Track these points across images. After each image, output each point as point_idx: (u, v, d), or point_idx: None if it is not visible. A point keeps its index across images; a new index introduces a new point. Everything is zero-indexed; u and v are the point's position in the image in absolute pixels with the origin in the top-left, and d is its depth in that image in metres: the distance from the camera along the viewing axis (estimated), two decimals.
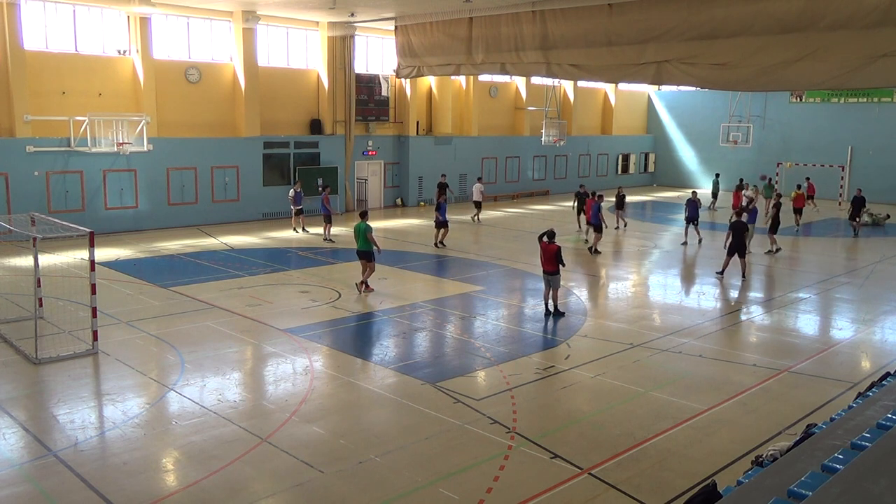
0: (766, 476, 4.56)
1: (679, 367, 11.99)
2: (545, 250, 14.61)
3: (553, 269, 14.57)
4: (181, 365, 11.64)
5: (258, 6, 25.61)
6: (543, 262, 14.72)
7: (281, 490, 7.83)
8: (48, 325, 13.22)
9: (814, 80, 17.37)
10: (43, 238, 12.40)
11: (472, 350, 12.77)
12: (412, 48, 25.39)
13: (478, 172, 35.06)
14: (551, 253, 14.50)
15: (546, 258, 14.59)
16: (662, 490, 7.90)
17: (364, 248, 16.11)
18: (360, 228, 16.05)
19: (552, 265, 14.53)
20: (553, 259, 14.48)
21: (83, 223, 13.94)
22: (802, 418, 9.74)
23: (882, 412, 5.69)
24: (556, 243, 14.67)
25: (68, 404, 10.00)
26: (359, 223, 16.24)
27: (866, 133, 37.57)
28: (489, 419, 9.67)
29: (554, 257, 14.46)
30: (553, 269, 14.57)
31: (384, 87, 31.79)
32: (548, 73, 21.77)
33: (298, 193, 24.77)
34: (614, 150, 43.89)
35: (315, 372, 11.48)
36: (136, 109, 24.43)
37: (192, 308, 15.03)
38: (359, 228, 16.11)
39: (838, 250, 24.62)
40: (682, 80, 19.26)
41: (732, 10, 16.86)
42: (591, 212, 22.50)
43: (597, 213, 22.04)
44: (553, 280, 14.66)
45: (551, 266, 14.54)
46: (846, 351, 13.19)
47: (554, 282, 14.68)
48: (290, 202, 25.11)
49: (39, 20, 22.95)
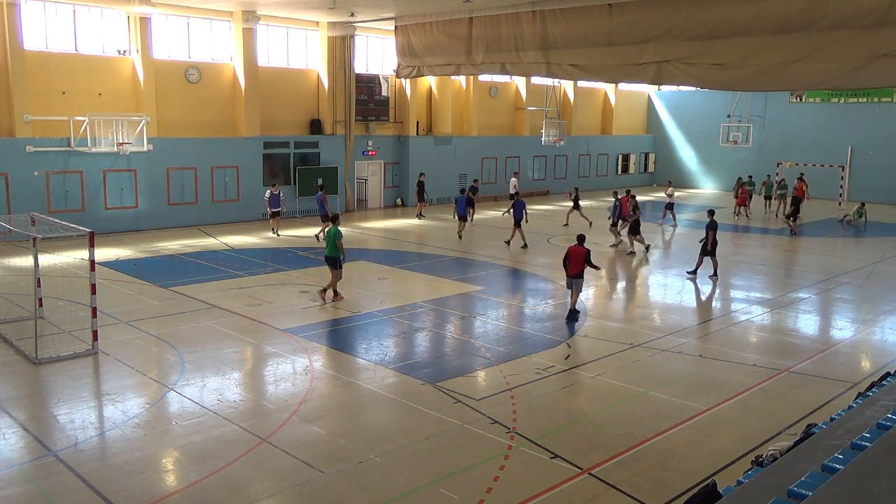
0: (766, 476, 4.56)
1: (679, 367, 11.99)
2: (574, 253, 14.53)
3: (578, 273, 14.50)
4: (181, 365, 11.64)
5: (258, 6, 25.61)
6: (569, 265, 14.62)
7: (281, 490, 7.83)
8: (48, 325, 13.22)
9: (814, 80, 17.37)
10: (43, 238, 12.40)
11: (472, 350, 12.77)
12: (412, 48, 25.39)
13: (478, 172, 35.11)
14: (580, 256, 14.45)
15: (573, 261, 14.52)
16: (662, 490, 7.90)
17: (331, 254, 15.42)
18: (331, 233, 15.46)
19: (578, 268, 14.48)
20: (581, 262, 14.44)
21: (83, 223, 13.93)
22: (802, 418, 9.74)
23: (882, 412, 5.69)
24: (586, 247, 14.68)
25: (68, 404, 10.00)
26: (330, 227, 15.68)
27: (866, 133, 37.58)
28: (489, 419, 9.67)
29: (583, 260, 14.43)
30: (578, 273, 14.50)
31: (384, 87, 31.79)
32: (548, 73, 21.77)
33: (275, 195, 24.11)
34: (614, 150, 43.89)
35: (315, 372, 11.48)
36: (136, 109, 24.43)
37: (192, 308, 15.03)
38: (329, 233, 15.55)
39: (838, 250, 24.63)
40: (682, 80, 19.27)
41: (732, 10, 16.86)
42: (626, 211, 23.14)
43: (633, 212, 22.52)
44: (577, 283, 14.62)
45: (577, 269, 14.48)
46: (846, 351, 13.19)
47: (577, 285, 14.64)
48: (265, 204, 24.48)
49: (39, 20, 22.95)
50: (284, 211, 25.23)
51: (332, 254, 15.43)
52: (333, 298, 15.61)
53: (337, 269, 15.43)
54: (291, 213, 28.10)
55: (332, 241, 15.40)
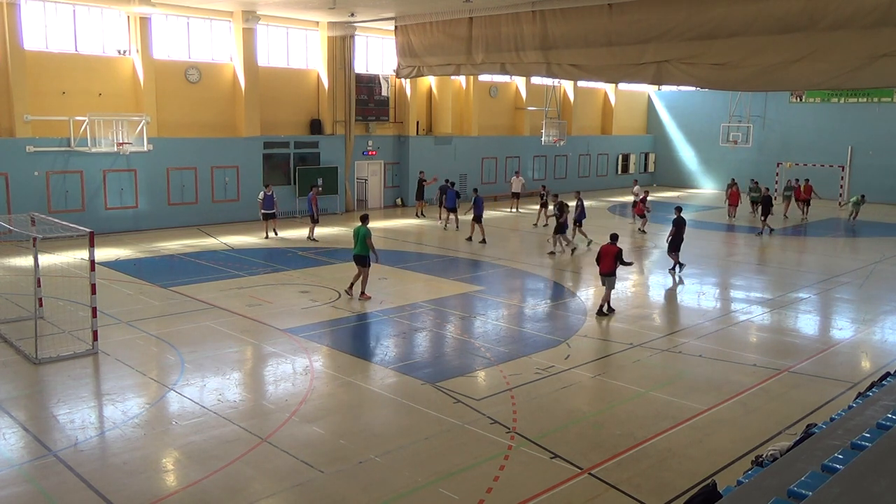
0: (766, 476, 4.56)
1: (679, 367, 11.99)
2: (607, 252, 14.87)
3: (610, 271, 14.80)
4: (181, 365, 11.63)
5: (258, 6, 25.60)
6: (601, 263, 14.93)
7: (281, 490, 7.83)
8: (48, 325, 13.21)
9: (814, 80, 17.38)
10: (43, 238, 12.40)
11: (472, 350, 12.77)
12: (412, 48, 25.39)
13: (478, 172, 35.12)
14: (612, 254, 14.78)
15: (605, 259, 14.83)
16: (662, 490, 7.90)
17: (360, 253, 15.73)
18: (360, 232, 15.71)
19: (610, 266, 14.76)
20: (612, 259, 14.75)
21: (83, 223, 13.92)
22: (802, 418, 9.74)
23: (882, 412, 5.69)
24: (618, 245, 15.00)
25: (68, 404, 10.00)
26: (359, 227, 15.91)
27: (866, 133, 37.57)
28: (489, 419, 9.67)
29: (614, 258, 14.75)
30: (610, 271, 14.80)
31: (384, 87, 31.79)
32: (548, 73, 21.77)
33: (269, 197, 23.45)
34: (614, 150, 43.89)
35: (315, 372, 11.48)
36: (136, 109, 24.43)
37: (192, 308, 15.03)
38: (358, 232, 15.79)
39: (838, 250, 24.63)
40: (682, 80, 19.27)
41: (732, 10, 16.86)
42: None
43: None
44: (609, 281, 14.91)
45: (609, 267, 14.78)
46: (846, 351, 13.19)
47: (609, 282, 14.93)
48: (258, 206, 23.89)
49: (39, 20, 22.94)
50: (278, 212, 24.56)
51: (361, 252, 15.75)
52: (360, 296, 15.84)
53: (366, 268, 15.81)
54: (291, 213, 28.10)
55: (361, 240, 15.71)
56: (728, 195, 30.82)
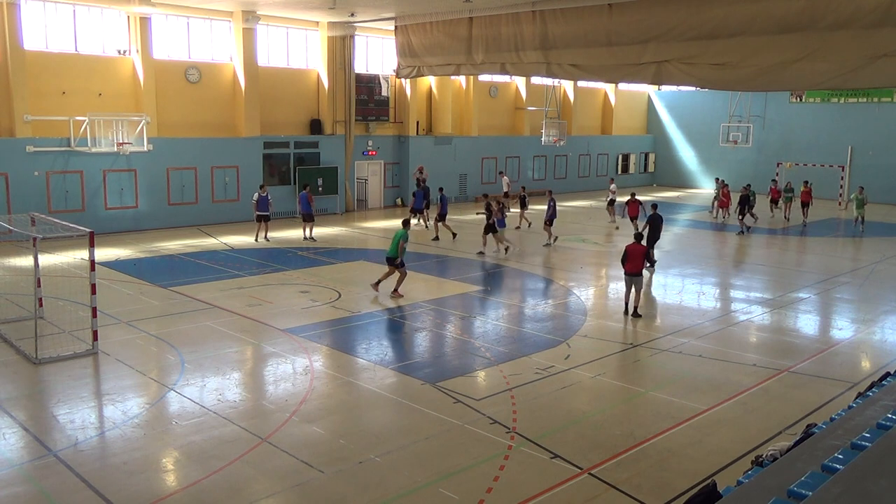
0: (766, 476, 4.56)
1: (679, 367, 11.99)
2: (633, 251, 14.74)
3: (637, 271, 14.69)
4: (181, 365, 11.64)
5: (258, 6, 25.60)
6: (628, 264, 14.80)
7: (281, 490, 7.83)
8: (48, 325, 13.21)
9: (814, 80, 17.37)
10: (43, 238, 12.40)
11: (472, 350, 12.77)
12: (412, 48, 25.39)
13: (478, 172, 35.09)
14: (639, 253, 14.68)
15: (632, 259, 14.71)
16: (662, 490, 7.90)
17: (391, 255, 16.18)
18: (399, 235, 16.17)
19: (638, 266, 14.65)
20: (641, 259, 14.66)
21: (83, 223, 13.92)
22: (802, 418, 9.74)
23: (882, 412, 5.69)
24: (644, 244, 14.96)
25: (68, 404, 10.00)
26: (399, 230, 16.40)
27: (866, 133, 37.57)
28: (489, 419, 9.67)
29: (642, 257, 14.67)
30: (637, 271, 14.69)
31: (384, 87, 31.78)
32: (548, 73, 21.77)
33: (263, 198, 22.90)
34: (614, 150, 43.89)
35: (315, 372, 11.48)
36: (136, 109, 24.43)
37: (192, 308, 15.03)
38: (397, 234, 16.25)
39: (838, 250, 24.62)
40: (682, 80, 19.26)
41: (732, 10, 16.85)
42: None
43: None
44: (637, 281, 14.79)
45: (636, 267, 14.67)
46: (846, 351, 13.19)
47: (637, 283, 14.82)
48: (252, 207, 23.58)
49: (39, 20, 22.95)
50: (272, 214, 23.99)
51: (391, 254, 16.11)
52: (392, 293, 16.09)
53: (400, 268, 16.11)
54: (291, 214, 28.09)
55: (396, 241, 16.01)
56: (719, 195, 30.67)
